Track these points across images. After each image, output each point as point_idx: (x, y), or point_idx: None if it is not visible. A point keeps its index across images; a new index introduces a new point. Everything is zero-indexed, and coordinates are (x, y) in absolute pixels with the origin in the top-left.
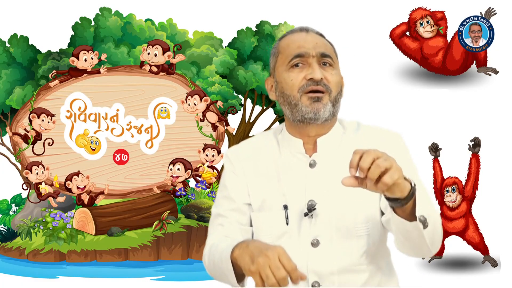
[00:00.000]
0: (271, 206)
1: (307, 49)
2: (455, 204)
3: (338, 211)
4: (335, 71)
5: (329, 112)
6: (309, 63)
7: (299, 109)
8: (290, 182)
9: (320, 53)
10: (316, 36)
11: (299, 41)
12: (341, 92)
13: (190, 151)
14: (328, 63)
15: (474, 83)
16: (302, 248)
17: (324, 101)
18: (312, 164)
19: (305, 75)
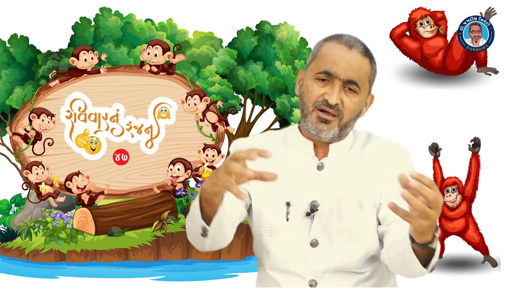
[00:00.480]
0: (273, 201)
1: (337, 70)
2: (455, 204)
3: (340, 215)
4: (357, 98)
5: (333, 135)
6: (334, 83)
7: (307, 121)
8: (295, 181)
9: (348, 79)
10: (356, 58)
11: (336, 57)
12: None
13: (190, 151)
14: (352, 89)
15: (474, 83)
16: (301, 247)
17: (331, 125)
18: (320, 167)
19: (324, 93)
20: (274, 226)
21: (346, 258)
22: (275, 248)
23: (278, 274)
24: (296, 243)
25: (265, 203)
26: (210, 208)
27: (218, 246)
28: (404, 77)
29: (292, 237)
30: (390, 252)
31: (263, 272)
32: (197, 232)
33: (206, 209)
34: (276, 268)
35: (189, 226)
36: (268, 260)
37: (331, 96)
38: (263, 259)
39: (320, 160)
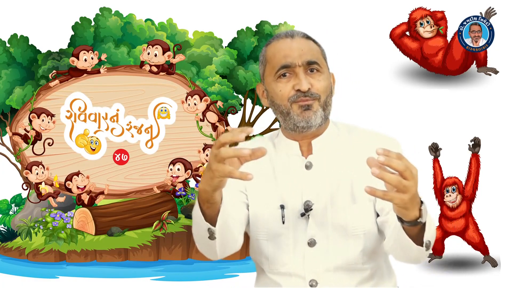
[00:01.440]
0: (267, 205)
1: (292, 59)
2: (455, 204)
3: (335, 211)
4: (323, 75)
5: (321, 118)
6: (296, 72)
7: (291, 117)
8: (287, 183)
9: (306, 61)
10: (301, 42)
11: (284, 50)
12: (331, 94)
13: (190, 151)
14: (315, 69)
15: (474, 83)
16: (299, 248)
17: (314, 108)
18: (308, 166)
19: (293, 85)
20: (271, 231)
21: (344, 255)
22: (273, 252)
23: (278, 277)
24: (294, 244)
25: (260, 209)
26: (211, 209)
27: (229, 250)
28: (404, 77)
29: (290, 239)
30: (390, 241)
31: (262, 276)
32: (204, 237)
33: (208, 211)
34: (276, 272)
35: (197, 235)
36: (267, 265)
37: (301, 84)
38: (262, 263)
39: (307, 159)
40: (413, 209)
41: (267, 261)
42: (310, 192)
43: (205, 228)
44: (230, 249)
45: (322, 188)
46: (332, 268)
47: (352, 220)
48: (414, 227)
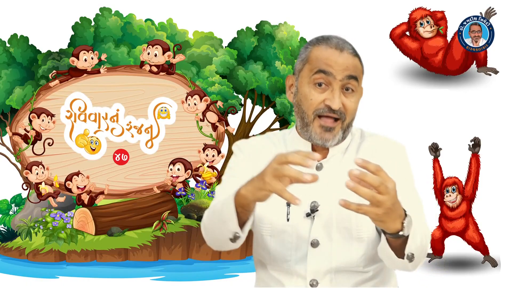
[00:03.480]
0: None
1: (334, 71)
2: (455, 204)
3: (340, 214)
4: (356, 97)
5: (338, 140)
6: (333, 87)
7: (309, 130)
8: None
9: (347, 76)
10: (349, 58)
11: (330, 59)
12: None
13: (190, 151)
14: (351, 88)
15: (474, 83)
16: (302, 247)
17: (335, 131)
18: (319, 167)
19: (324, 99)
20: (274, 227)
21: (347, 257)
22: (276, 248)
23: (279, 274)
24: (297, 243)
25: (266, 204)
26: (244, 214)
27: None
28: (404, 77)
29: (293, 237)
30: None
31: (262, 273)
32: (224, 236)
33: (240, 215)
34: (277, 268)
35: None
36: (269, 260)
37: (333, 102)
38: (264, 259)
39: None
40: (391, 222)
41: (269, 257)
42: (318, 193)
43: (232, 230)
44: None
45: (330, 190)
46: (334, 269)
47: (356, 224)
48: (397, 239)
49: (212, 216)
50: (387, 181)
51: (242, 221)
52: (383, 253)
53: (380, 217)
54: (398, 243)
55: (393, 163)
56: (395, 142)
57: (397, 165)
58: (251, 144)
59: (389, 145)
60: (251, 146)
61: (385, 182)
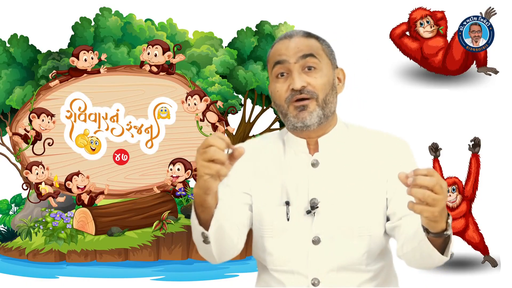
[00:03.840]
0: (273, 202)
1: (286, 57)
2: (455, 204)
3: (341, 210)
4: (321, 72)
5: (318, 117)
6: (291, 71)
7: (288, 118)
8: (293, 180)
9: (301, 56)
10: (299, 40)
11: (281, 49)
12: (331, 91)
13: (190, 151)
14: (312, 67)
15: (474, 83)
16: (303, 245)
17: (310, 108)
18: (315, 164)
19: (288, 84)
20: (275, 227)
21: (349, 255)
22: (277, 249)
23: (281, 274)
24: (298, 242)
25: (265, 205)
26: (205, 212)
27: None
28: (404, 77)
29: (294, 236)
30: (405, 247)
31: (264, 274)
32: (200, 241)
33: (202, 215)
34: (280, 269)
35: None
36: (271, 262)
37: (294, 82)
38: (265, 261)
39: (314, 157)
40: (441, 221)
41: (270, 258)
42: (316, 190)
43: (200, 232)
44: (228, 254)
45: (328, 186)
46: (336, 267)
47: (358, 221)
48: (439, 238)
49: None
50: (441, 181)
51: (206, 220)
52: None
53: (436, 216)
54: (438, 242)
55: (398, 160)
56: (398, 138)
57: (402, 162)
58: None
59: (393, 142)
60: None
61: (440, 182)
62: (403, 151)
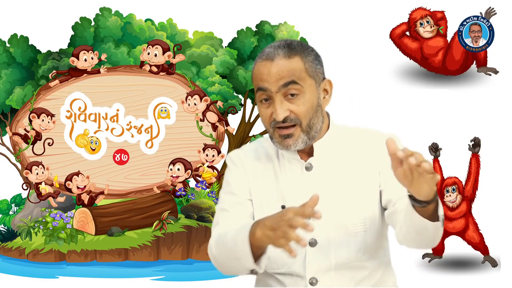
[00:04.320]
0: (270, 206)
1: (269, 84)
2: (455, 204)
3: (335, 211)
4: (303, 99)
5: (303, 143)
6: (273, 99)
7: (274, 141)
8: (288, 185)
9: (283, 84)
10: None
11: (262, 74)
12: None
13: (190, 151)
14: (295, 93)
15: (474, 83)
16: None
17: (295, 136)
18: (309, 168)
19: (271, 113)
20: None
21: (346, 253)
22: (274, 253)
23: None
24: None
25: (263, 210)
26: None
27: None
28: (404, 77)
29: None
30: (402, 229)
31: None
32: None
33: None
34: (277, 272)
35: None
36: (269, 265)
37: (276, 114)
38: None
39: (308, 161)
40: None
41: (268, 262)
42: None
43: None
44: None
45: (322, 189)
46: (333, 266)
47: (352, 218)
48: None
49: (223, 250)
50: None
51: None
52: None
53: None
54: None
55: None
56: (386, 133)
57: None
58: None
59: (381, 137)
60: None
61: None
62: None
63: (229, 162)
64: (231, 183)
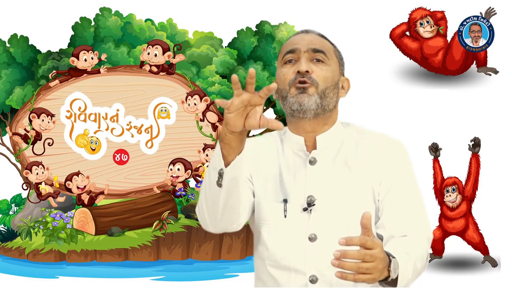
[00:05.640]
0: (272, 199)
1: (299, 46)
2: (455, 204)
3: (338, 208)
4: (327, 67)
5: (316, 104)
6: (300, 58)
7: (287, 100)
8: (291, 178)
9: (312, 49)
10: (314, 36)
11: (296, 40)
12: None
13: (190, 151)
14: (320, 60)
15: (474, 83)
16: (300, 242)
17: (309, 92)
18: (312, 161)
19: (294, 68)
20: (272, 223)
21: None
22: (274, 245)
23: (278, 271)
24: (295, 239)
25: (264, 201)
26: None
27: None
28: (404, 77)
29: (291, 233)
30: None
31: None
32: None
33: (223, 150)
34: (276, 265)
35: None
36: (268, 257)
37: (301, 65)
38: (263, 255)
39: (311, 154)
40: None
41: (268, 253)
42: (313, 187)
43: (217, 168)
44: (229, 220)
45: (325, 184)
46: None
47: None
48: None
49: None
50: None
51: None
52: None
53: (375, 279)
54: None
55: (391, 161)
56: (394, 140)
57: (396, 163)
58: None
59: (387, 142)
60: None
61: (370, 251)
62: (397, 152)
63: None
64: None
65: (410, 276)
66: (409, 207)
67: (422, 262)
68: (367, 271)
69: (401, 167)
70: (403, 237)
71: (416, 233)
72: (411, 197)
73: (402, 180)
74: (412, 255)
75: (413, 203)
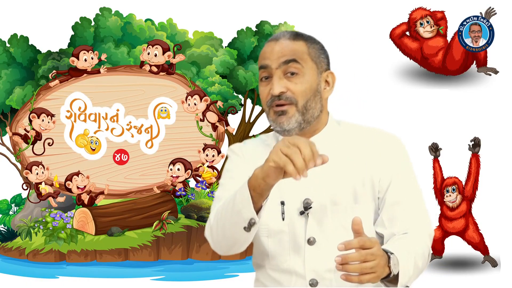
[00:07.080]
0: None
1: (270, 61)
2: (455, 204)
3: (335, 210)
4: (302, 78)
5: (297, 123)
6: (272, 76)
7: (270, 121)
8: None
9: (283, 62)
10: (285, 43)
11: (266, 53)
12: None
13: (190, 151)
14: (294, 72)
15: (474, 83)
16: (299, 246)
17: (289, 114)
18: None
19: (269, 89)
20: (271, 227)
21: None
22: (274, 249)
23: (279, 274)
24: (293, 242)
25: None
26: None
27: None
28: (404, 77)
29: (290, 236)
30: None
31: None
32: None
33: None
34: (276, 268)
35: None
36: (268, 261)
37: (273, 88)
38: (263, 260)
39: None
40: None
41: (267, 258)
42: (310, 190)
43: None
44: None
45: (322, 187)
46: (333, 268)
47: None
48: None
49: (222, 212)
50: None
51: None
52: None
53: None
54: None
55: (388, 156)
56: (389, 133)
57: (393, 158)
58: (246, 147)
59: (383, 137)
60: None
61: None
62: (394, 147)
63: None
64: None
65: (411, 273)
66: (409, 204)
67: (423, 259)
68: (371, 270)
69: (400, 162)
70: (404, 235)
71: (416, 230)
72: (411, 194)
73: (402, 176)
74: (413, 252)
75: (413, 199)
